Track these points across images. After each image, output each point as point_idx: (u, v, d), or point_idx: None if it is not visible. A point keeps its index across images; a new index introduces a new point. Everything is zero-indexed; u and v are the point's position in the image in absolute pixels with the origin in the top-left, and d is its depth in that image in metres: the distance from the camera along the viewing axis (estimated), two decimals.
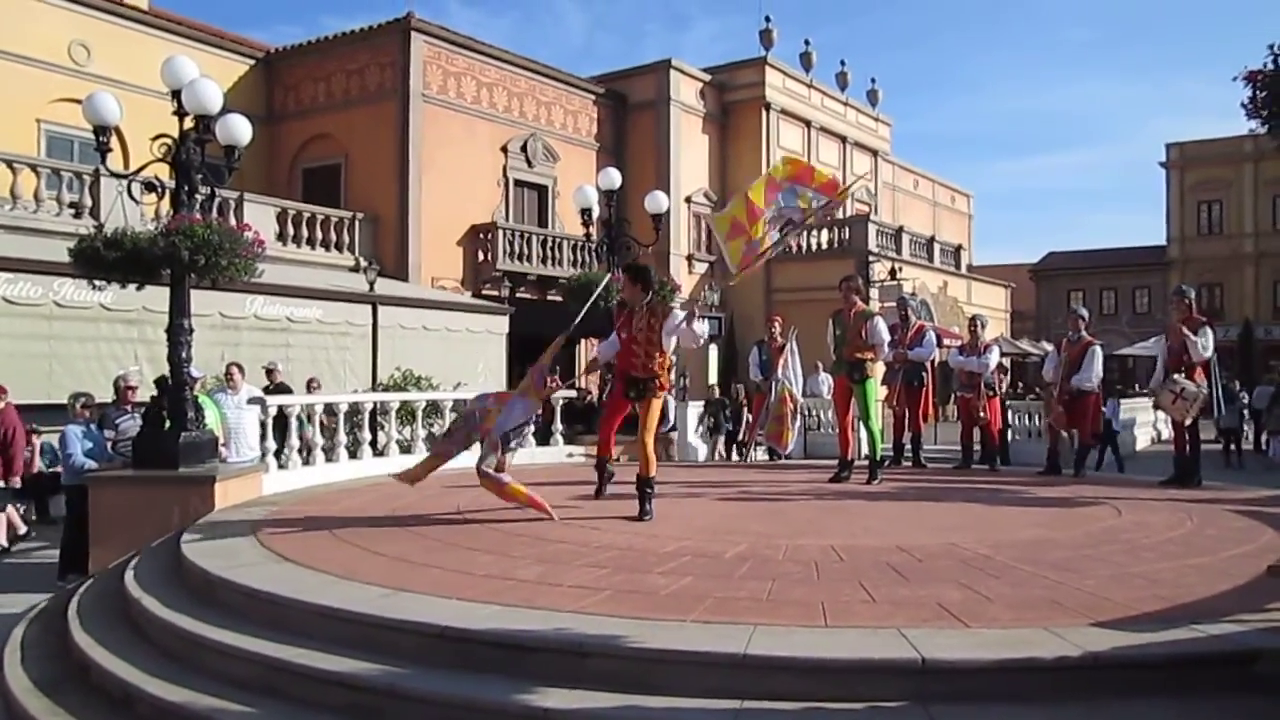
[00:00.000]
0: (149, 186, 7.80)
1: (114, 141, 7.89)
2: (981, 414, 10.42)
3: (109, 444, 8.64)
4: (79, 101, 8.15)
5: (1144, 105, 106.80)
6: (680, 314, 6.73)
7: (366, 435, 10.03)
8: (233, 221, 10.29)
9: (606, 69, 29.24)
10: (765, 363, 11.73)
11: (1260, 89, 20.45)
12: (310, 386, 13.46)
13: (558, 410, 12.07)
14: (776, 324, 11.73)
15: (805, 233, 8.56)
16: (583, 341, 23.53)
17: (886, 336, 8.94)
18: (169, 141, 7.58)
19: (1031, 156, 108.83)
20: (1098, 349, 9.57)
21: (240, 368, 9.97)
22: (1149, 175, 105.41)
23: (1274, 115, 20.76)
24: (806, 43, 31.36)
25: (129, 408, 8.91)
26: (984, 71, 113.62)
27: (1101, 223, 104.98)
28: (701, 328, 6.71)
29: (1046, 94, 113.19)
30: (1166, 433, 15.93)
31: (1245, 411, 20.00)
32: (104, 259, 7.40)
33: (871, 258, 26.86)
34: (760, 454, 13.21)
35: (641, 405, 6.66)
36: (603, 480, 7.37)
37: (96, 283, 7.75)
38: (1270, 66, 20.19)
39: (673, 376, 7.13)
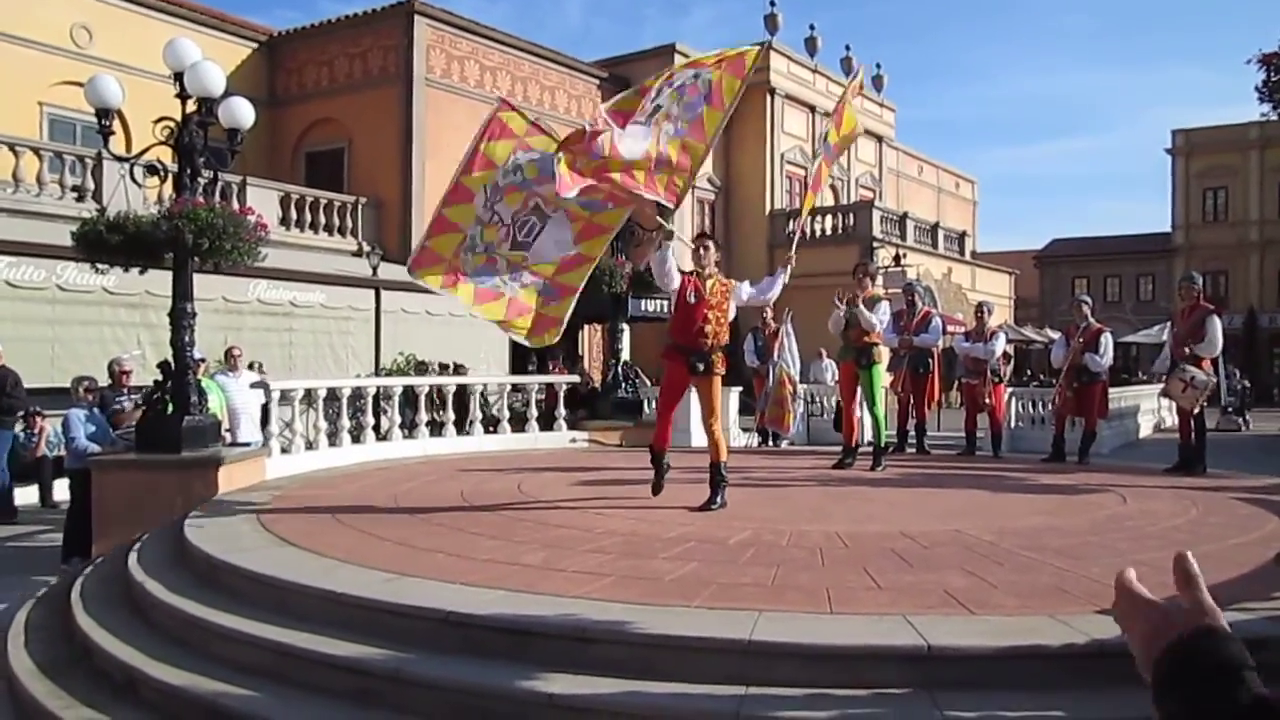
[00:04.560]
0: (151, 170, 7.75)
1: (116, 124, 7.84)
2: (986, 400, 10.42)
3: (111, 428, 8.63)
4: (81, 84, 8.11)
5: (1146, 92, 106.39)
6: (749, 289, 6.67)
7: (370, 419, 10.03)
8: (235, 205, 10.23)
9: (604, 55, 29.05)
10: (761, 348, 11.70)
11: (1275, 72, 20.22)
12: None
13: (561, 396, 12.05)
14: (768, 311, 11.63)
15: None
16: (585, 327, 23.54)
17: (887, 319, 8.88)
18: (171, 125, 7.53)
19: (1035, 143, 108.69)
20: (1109, 335, 9.54)
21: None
22: (1154, 162, 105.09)
23: None
24: (811, 28, 31.37)
25: (125, 391, 8.89)
26: (988, 58, 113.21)
27: (1106, 209, 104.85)
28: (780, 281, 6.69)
29: (1050, 81, 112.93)
30: (1170, 420, 15.93)
31: None
32: (106, 242, 7.37)
33: (876, 243, 26.77)
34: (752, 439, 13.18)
35: (705, 387, 6.28)
36: (660, 474, 6.52)
37: (99, 266, 7.73)
38: None
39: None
